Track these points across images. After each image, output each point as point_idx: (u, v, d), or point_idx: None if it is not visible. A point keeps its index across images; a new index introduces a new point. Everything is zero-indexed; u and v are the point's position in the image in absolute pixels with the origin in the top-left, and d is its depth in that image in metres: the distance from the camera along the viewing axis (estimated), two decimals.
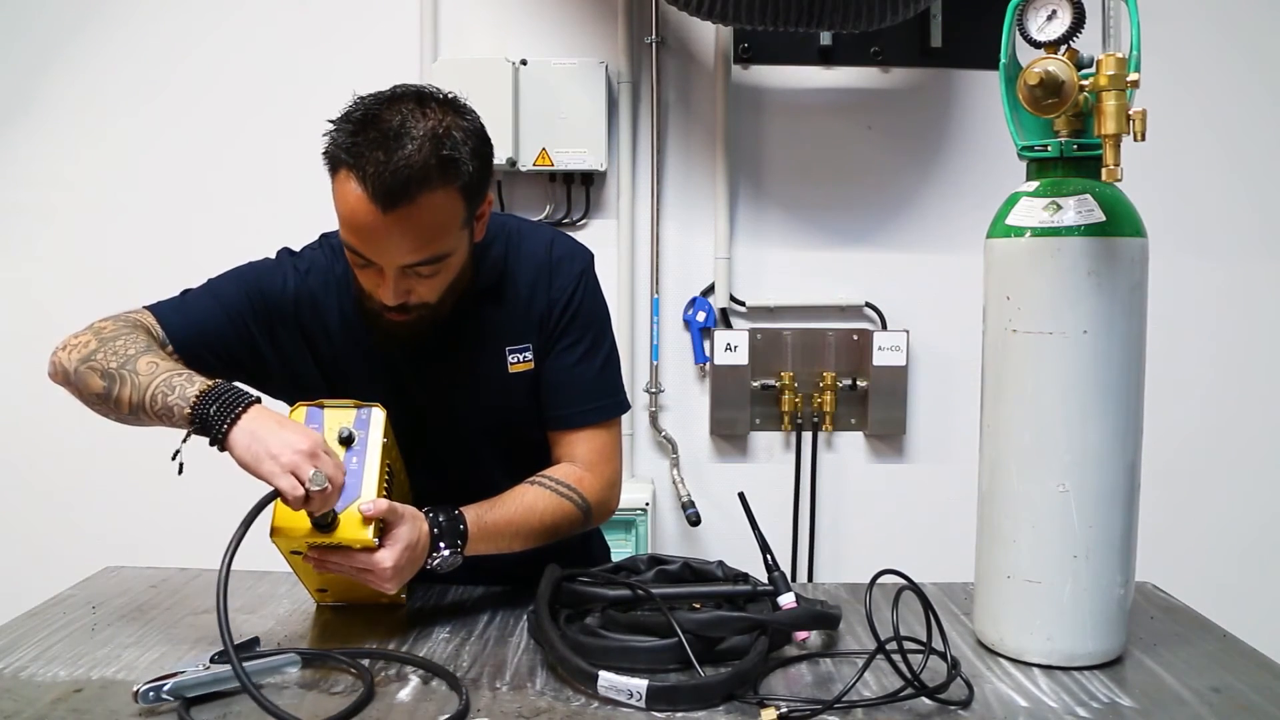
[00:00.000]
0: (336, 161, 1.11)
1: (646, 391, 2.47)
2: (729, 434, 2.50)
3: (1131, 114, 1.00)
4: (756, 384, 2.45)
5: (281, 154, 2.29)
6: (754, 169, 2.45)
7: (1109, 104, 0.99)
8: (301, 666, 1.07)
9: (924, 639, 1.05)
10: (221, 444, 1.05)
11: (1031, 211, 1.09)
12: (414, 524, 1.14)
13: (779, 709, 0.96)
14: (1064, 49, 1.07)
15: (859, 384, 2.45)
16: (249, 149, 2.40)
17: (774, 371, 2.46)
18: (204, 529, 1.62)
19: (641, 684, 0.98)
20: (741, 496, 1.25)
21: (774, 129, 2.45)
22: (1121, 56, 1.00)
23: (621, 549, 2.32)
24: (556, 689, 1.04)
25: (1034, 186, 1.12)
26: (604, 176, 2.41)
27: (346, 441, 1.14)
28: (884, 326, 2.46)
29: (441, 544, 1.17)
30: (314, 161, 1.14)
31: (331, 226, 1.20)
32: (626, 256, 2.42)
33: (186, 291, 1.29)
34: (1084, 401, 1.07)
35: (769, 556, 1.21)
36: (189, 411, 1.06)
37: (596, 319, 1.34)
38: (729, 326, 2.46)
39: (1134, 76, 1.01)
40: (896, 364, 2.43)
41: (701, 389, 2.49)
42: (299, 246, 1.34)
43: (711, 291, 2.46)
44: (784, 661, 1.12)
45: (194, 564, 1.44)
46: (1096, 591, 1.09)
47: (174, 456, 1.08)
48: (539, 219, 2.38)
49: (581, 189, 2.42)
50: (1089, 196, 1.07)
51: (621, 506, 1.41)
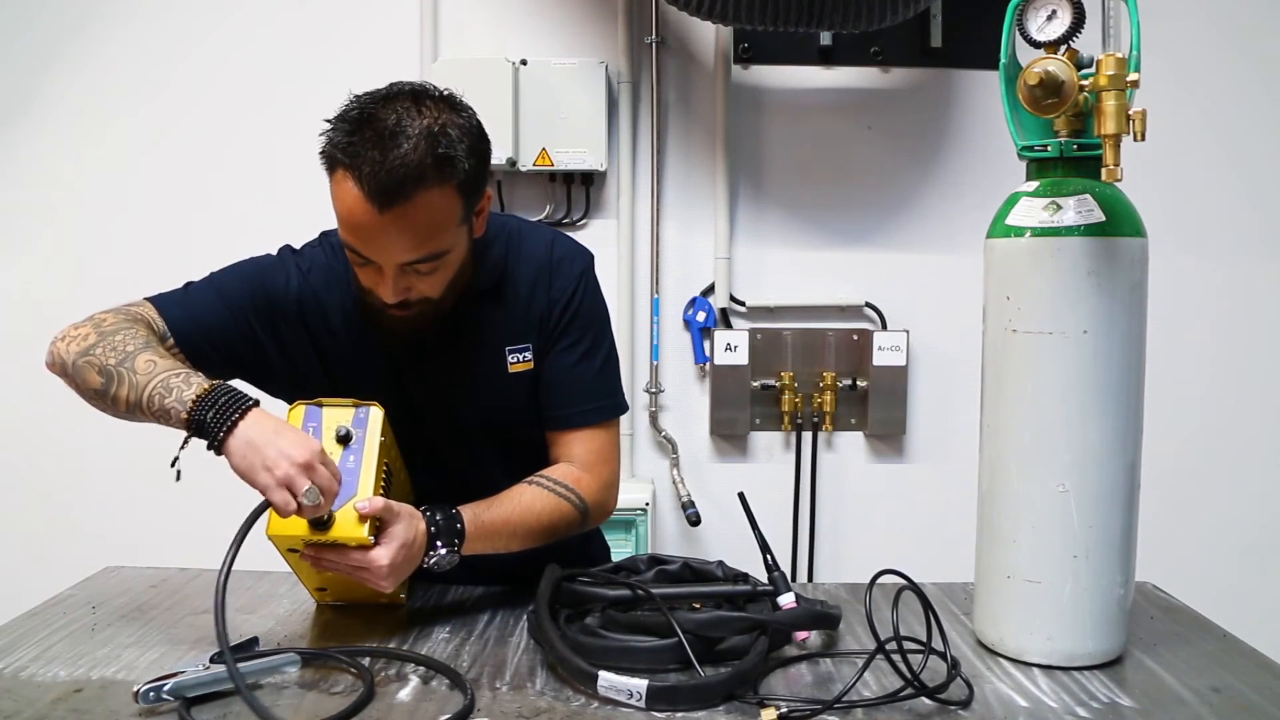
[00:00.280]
0: (333, 161, 1.11)
1: (646, 391, 2.47)
2: (729, 434, 2.50)
3: (1131, 114, 1.00)
4: (756, 384, 2.45)
5: (281, 154, 2.29)
6: (754, 169, 2.45)
7: (1109, 104, 0.99)
8: (301, 666, 1.07)
9: (924, 639, 1.05)
10: (218, 450, 1.05)
11: (1031, 211, 1.09)
12: (410, 522, 1.14)
13: (779, 709, 0.96)
14: (1064, 49, 1.07)
15: (859, 384, 2.45)
16: (249, 149, 2.40)
17: (774, 371, 2.46)
18: (204, 529, 1.62)
19: (641, 684, 0.98)
20: (741, 496, 1.25)
21: (774, 129, 2.45)
22: (1121, 56, 1.00)
23: (621, 549, 2.32)
24: (556, 689, 1.04)
25: (1034, 186, 1.12)
26: (604, 176, 2.41)
27: (344, 440, 1.14)
28: (884, 326, 2.46)
29: (438, 543, 1.17)
30: (314, 161, 1.14)
31: (331, 225, 1.20)
32: (626, 256, 2.42)
33: (189, 284, 1.28)
34: (1084, 401, 1.07)
35: (769, 556, 1.21)
36: (185, 416, 1.06)
37: (596, 320, 1.34)
38: (729, 326, 2.46)
39: (1134, 76, 1.01)
40: (896, 364, 2.43)
41: (701, 389, 2.49)
42: (299, 245, 1.34)
43: (711, 291, 2.46)
44: (784, 661, 1.12)
45: (194, 564, 1.44)
46: (1096, 591, 1.09)
47: (173, 464, 1.06)
48: (539, 219, 2.38)
49: (581, 189, 2.42)
50: (1089, 196, 1.07)
51: (621, 506, 1.41)
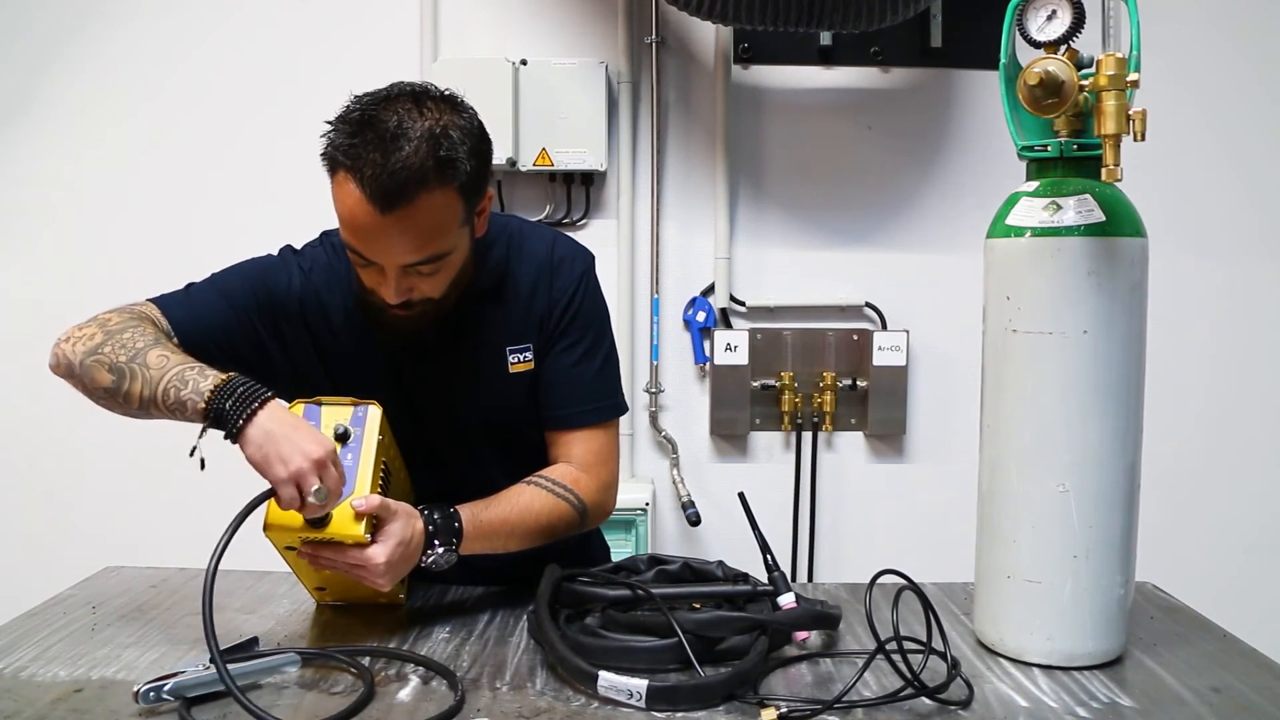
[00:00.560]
0: (335, 163, 1.11)
1: (646, 391, 2.47)
2: (729, 434, 2.50)
3: (1131, 114, 1.00)
4: (756, 384, 2.45)
5: (281, 154, 2.29)
6: (754, 169, 2.45)
7: (1109, 104, 0.99)
8: (301, 666, 1.07)
9: (924, 639, 1.05)
10: (235, 438, 1.05)
11: (1031, 211, 1.09)
12: (408, 521, 1.14)
13: (779, 709, 0.96)
14: (1064, 49, 1.07)
15: (859, 384, 2.45)
16: (249, 149, 2.40)
17: (774, 371, 2.46)
18: (204, 529, 1.61)
19: (641, 684, 0.98)
20: (741, 496, 1.25)
21: (774, 129, 2.45)
22: (1121, 56, 1.00)
23: (621, 549, 2.32)
24: (556, 689, 1.04)
25: (1034, 186, 1.12)
26: (604, 176, 2.41)
27: (342, 438, 1.14)
28: (884, 326, 2.46)
29: (436, 542, 1.17)
30: (314, 162, 1.14)
31: (332, 225, 1.20)
32: (626, 256, 2.42)
33: (190, 285, 1.28)
34: (1084, 401, 1.07)
35: (769, 556, 1.21)
36: (203, 406, 1.06)
37: (596, 320, 1.34)
38: (729, 326, 2.46)
39: (1134, 76, 1.01)
40: (896, 364, 2.43)
41: (701, 389, 2.49)
42: (299, 245, 1.34)
43: (711, 291, 2.46)
44: (784, 661, 1.12)
45: (194, 564, 1.43)
46: (1096, 591, 1.09)
47: (191, 453, 1.07)
48: (539, 219, 2.38)
49: (581, 189, 2.42)
50: (1089, 196, 1.07)
51: (621, 506, 1.41)
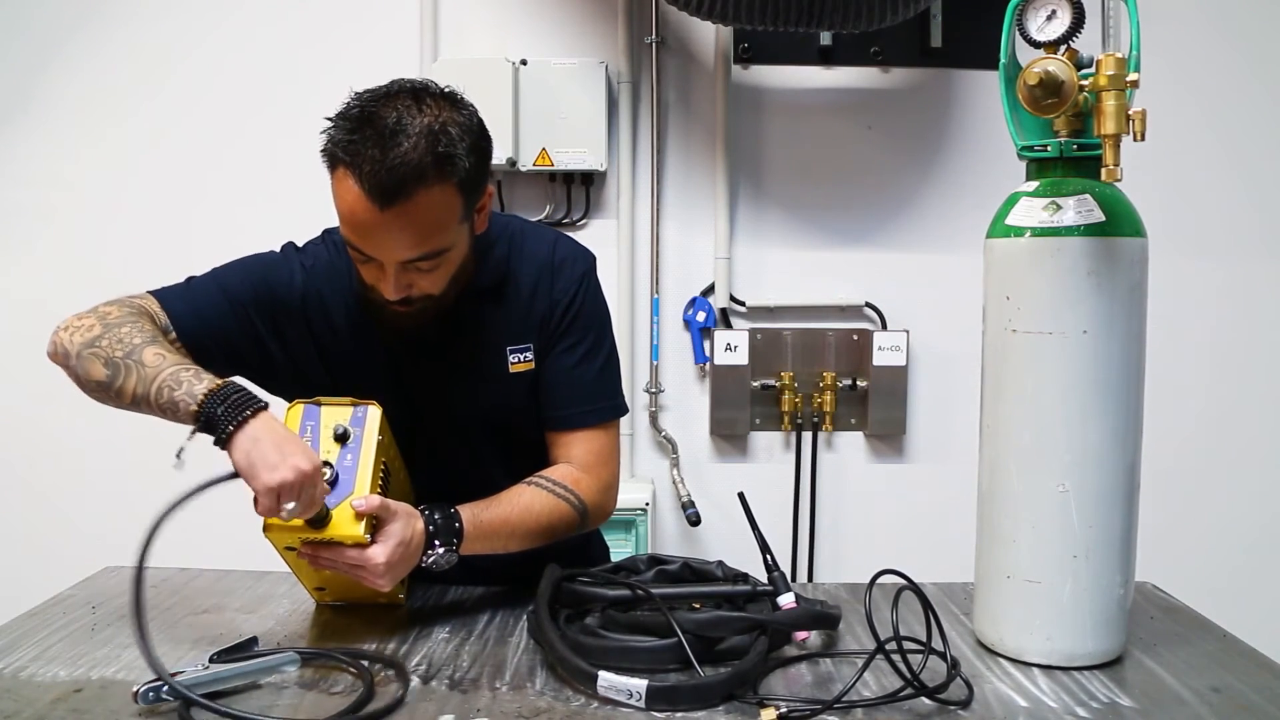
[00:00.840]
0: (334, 160, 1.11)
1: (646, 391, 2.47)
2: (729, 434, 2.50)
3: (1131, 114, 1.00)
4: (756, 384, 2.45)
5: (281, 154, 2.29)
6: (754, 169, 2.45)
7: (1109, 104, 0.99)
8: (301, 666, 1.07)
9: (924, 639, 1.05)
10: (225, 443, 1.05)
11: (1031, 211, 1.09)
12: (408, 521, 1.14)
13: (779, 709, 0.96)
14: (1064, 49, 1.07)
15: (859, 384, 2.45)
16: (249, 149, 2.40)
17: (774, 371, 2.46)
18: (204, 529, 1.62)
19: (641, 684, 0.98)
20: (741, 496, 1.25)
21: (774, 129, 2.44)
22: (1121, 56, 1.00)
23: (621, 549, 2.32)
24: (556, 689, 1.04)
25: (1034, 186, 1.12)
26: (604, 176, 2.41)
27: (342, 438, 1.14)
28: (884, 326, 2.46)
29: (436, 542, 1.17)
30: (314, 161, 1.14)
31: (333, 224, 1.20)
32: (626, 256, 2.42)
33: (191, 279, 1.28)
34: (1084, 401, 1.07)
35: (769, 556, 1.21)
36: (195, 409, 1.06)
37: (597, 321, 1.34)
38: (729, 326, 2.46)
39: (1134, 76, 1.01)
40: (896, 364, 2.43)
41: (701, 389, 2.49)
42: (301, 243, 1.34)
43: (711, 291, 2.46)
44: (784, 661, 1.12)
45: (194, 564, 1.44)
46: (1096, 591, 1.09)
47: (178, 454, 1.06)
48: (539, 219, 2.38)
49: (581, 189, 2.42)
50: (1089, 196, 1.07)
51: (621, 506, 1.41)
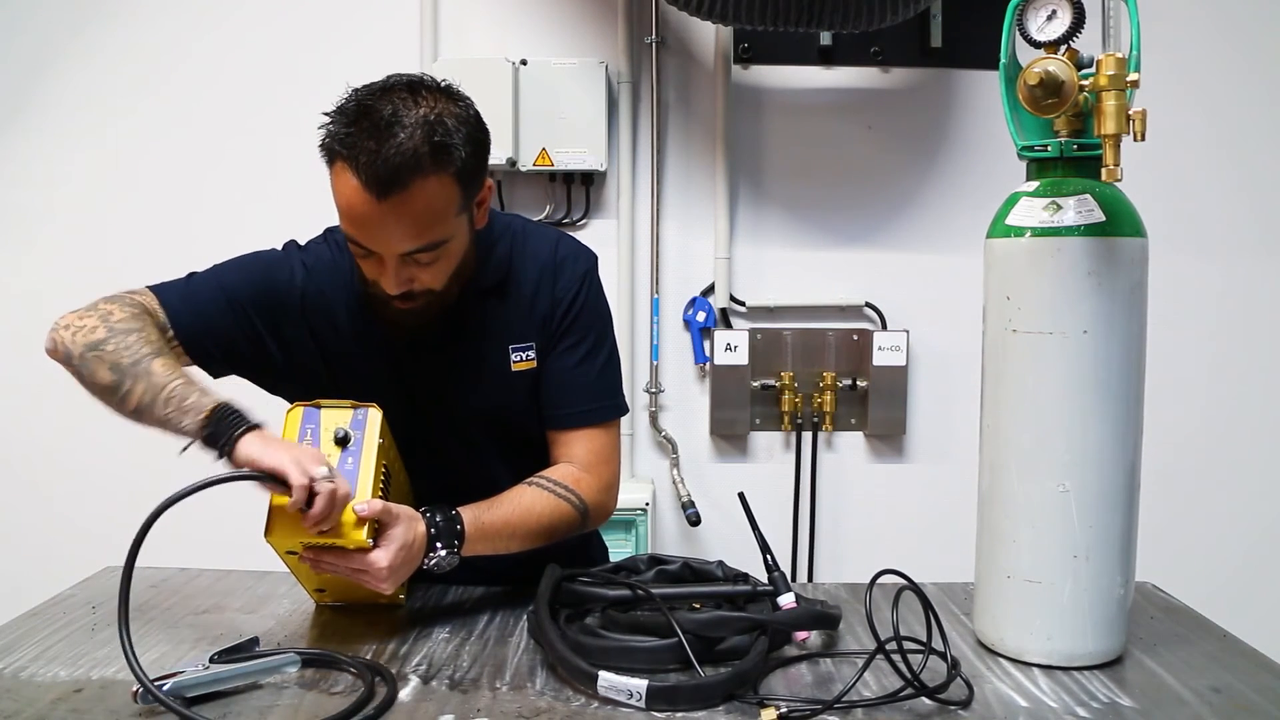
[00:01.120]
0: (332, 153, 1.12)
1: (646, 391, 2.47)
2: (729, 434, 2.50)
3: (1131, 114, 1.00)
4: (756, 384, 2.45)
5: (281, 153, 2.29)
6: (754, 169, 2.45)
7: (1109, 104, 0.99)
8: (301, 666, 1.07)
9: (924, 639, 1.05)
10: (230, 450, 1.06)
11: (1031, 211, 1.09)
12: (409, 524, 1.14)
13: (779, 709, 0.96)
14: (1064, 49, 1.07)
15: (859, 384, 2.45)
16: (249, 148, 2.40)
17: (774, 371, 2.46)
18: (204, 529, 1.62)
19: (641, 684, 0.98)
20: (741, 496, 1.25)
21: (774, 129, 2.45)
22: (1121, 56, 1.00)
23: (621, 549, 2.32)
24: (556, 689, 1.04)
25: (1034, 186, 1.11)
26: (604, 176, 2.41)
27: (342, 442, 1.14)
28: (884, 326, 2.46)
29: (438, 544, 1.16)
30: (314, 161, 1.14)
31: (334, 222, 1.20)
32: (626, 256, 2.42)
33: (192, 275, 1.29)
34: (1084, 401, 1.07)
35: (769, 556, 1.21)
36: (203, 418, 1.08)
37: (599, 321, 1.34)
38: (729, 326, 2.46)
39: (1134, 76, 1.01)
40: (896, 364, 2.43)
41: (701, 389, 2.49)
42: (303, 241, 1.34)
43: (711, 291, 2.46)
44: (784, 661, 1.12)
45: (194, 564, 1.44)
46: (1096, 591, 1.09)
47: (183, 450, 1.10)
48: (539, 219, 2.38)
49: (581, 189, 2.42)
50: (1089, 196, 1.07)
51: (621, 506, 1.41)
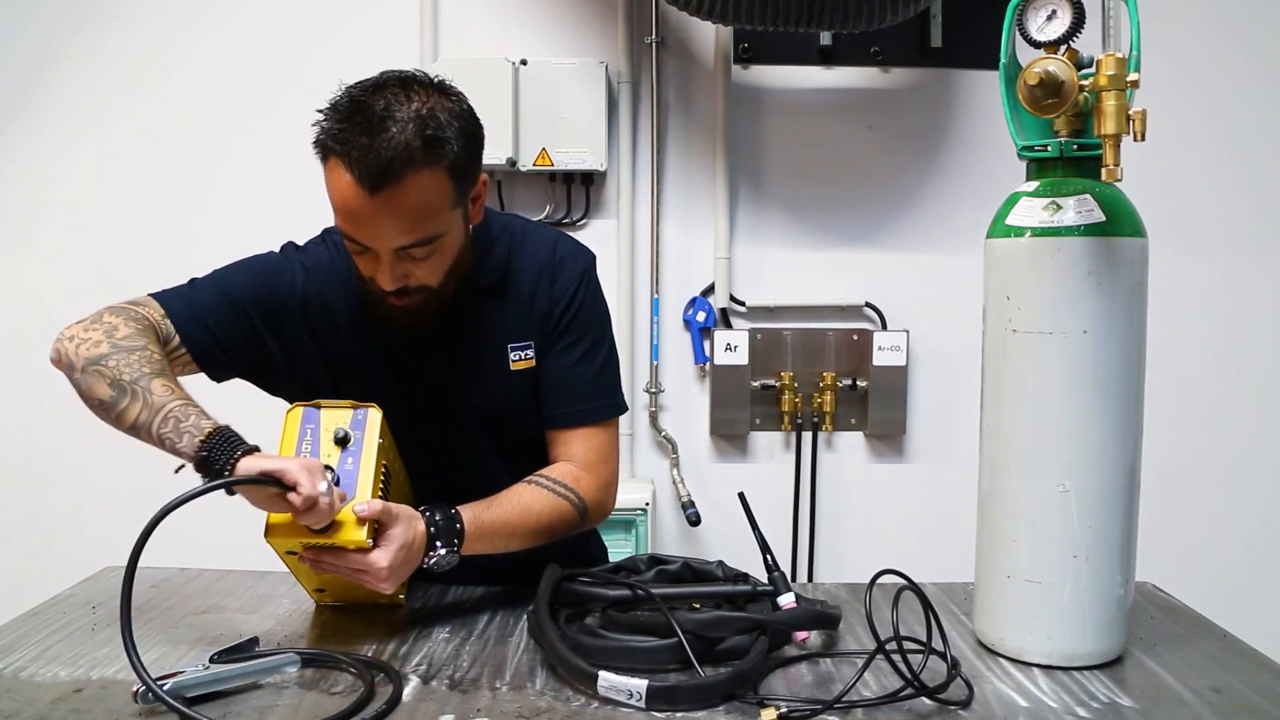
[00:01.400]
0: (326, 150, 1.12)
1: (646, 391, 2.47)
2: (729, 434, 2.50)
3: (1131, 114, 1.00)
4: (756, 384, 2.45)
5: (281, 153, 2.28)
6: (754, 169, 2.45)
7: (1109, 104, 0.99)
8: (301, 666, 1.07)
9: (924, 639, 1.05)
10: (230, 473, 1.05)
11: (1031, 211, 1.09)
12: (409, 524, 1.14)
13: (779, 709, 0.96)
14: (1064, 49, 1.07)
15: (859, 384, 2.45)
16: (249, 148, 2.40)
17: (774, 371, 2.46)
18: (204, 529, 1.62)
19: (641, 684, 0.98)
20: (741, 496, 1.25)
21: (774, 129, 2.45)
22: (1121, 56, 1.00)
23: (621, 549, 2.32)
24: (556, 689, 1.04)
25: (1034, 186, 1.11)
26: (604, 176, 2.41)
27: (342, 442, 1.14)
28: (884, 326, 2.46)
29: (438, 543, 1.16)
30: (314, 160, 1.14)
31: (332, 224, 1.20)
32: (626, 256, 2.42)
33: (194, 280, 1.29)
34: (1084, 401, 1.07)
35: (769, 556, 1.21)
36: (200, 440, 1.07)
37: (597, 320, 1.34)
38: (729, 326, 2.46)
39: (1134, 76, 1.01)
40: (896, 364, 2.43)
41: (701, 389, 2.49)
42: (301, 242, 1.34)
43: (711, 291, 2.46)
44: (784, 661, 1.12)
45: (194, 564, 1.44)
46: (1096, 591, 1.09)
47: (177, 470, 1.09)
48: (539, 219, 2.38)
49: (581, 189, 2.42)
50: (1089, 196, 1.07)
51: (621, 506, 1.41)
